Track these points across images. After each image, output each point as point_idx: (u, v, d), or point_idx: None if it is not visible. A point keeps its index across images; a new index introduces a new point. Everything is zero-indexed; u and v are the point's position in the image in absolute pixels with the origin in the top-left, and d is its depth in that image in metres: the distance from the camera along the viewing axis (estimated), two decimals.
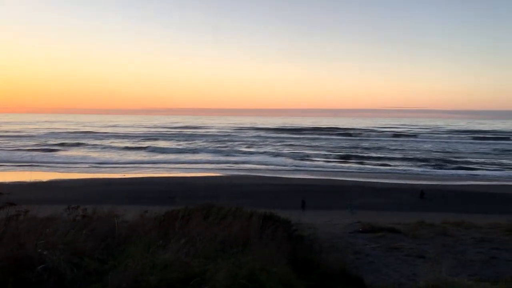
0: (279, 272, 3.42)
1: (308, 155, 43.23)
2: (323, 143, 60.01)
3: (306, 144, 58.01)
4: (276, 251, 4.09)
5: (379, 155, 44.21)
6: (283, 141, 61.96)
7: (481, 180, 28.86)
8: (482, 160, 40.97)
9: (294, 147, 53.36)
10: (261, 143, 58.30)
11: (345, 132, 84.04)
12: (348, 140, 65.39)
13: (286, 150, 48.48)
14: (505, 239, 10.29)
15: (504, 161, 40.44)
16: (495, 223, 11.90)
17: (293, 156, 42.63)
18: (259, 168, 34.50)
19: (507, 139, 70.83)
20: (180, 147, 51.81)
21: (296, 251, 5.09)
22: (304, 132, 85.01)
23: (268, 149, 50.41)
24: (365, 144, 58.94)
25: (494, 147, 55.07)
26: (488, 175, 31.38)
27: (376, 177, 29.47)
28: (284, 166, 36.16)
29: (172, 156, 42.16)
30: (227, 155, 43.08)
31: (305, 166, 35.82)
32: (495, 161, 40.45)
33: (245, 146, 54.58)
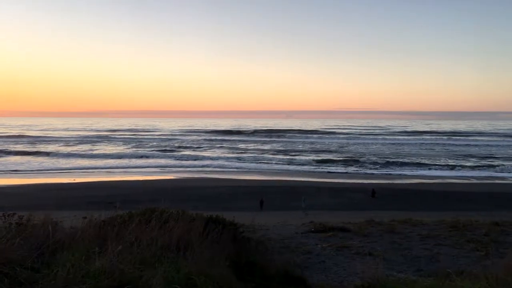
0: (218, 275, 3.36)
1: (264, 157, 43.46)
2: (274, 144, 60.48)
3: (260, 146, 58.30)
4: (219, 254, 4.04)
5: (335, 157, 44.95)
6: (236, 144, 61.47)
7: (427, 178, 29.88)
8: (426, 159, 42.45)
9: (249, 149, 53.48)
10: (215, 146, 57.88)
11: (298, 133, 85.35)
12: (301, 142, 66.16)
13: (240, 152, 48.52)
14: (448, 235, 10.67)
15: (450, 161, 42.12)
16: (440, 220, 12.32)
17: (249, 158, 42.73)
18: (215, 170, 34.34)
19: (450, 138, 74.00)
20: (128, 151, 50.37)
21: (241, 254, 5.06)
22: (258, 134, 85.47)
23: (222, 151, 50.22)
24: (319, 146, 59.89)
25: (437, 147, 57.29)
26: (433, 175, 32.54)
27: (332, 177, 29.98)
28: (240, 168, 36.20)
29: (119, 161, 41.14)
30: (178, 159, 42.62)
31: (262, 168, 35.99)
32: (440, 160, 42.08)
33: (198, 148, 54.15)
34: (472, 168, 36.18)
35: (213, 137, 75.03)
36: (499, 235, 10.54)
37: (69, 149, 50.97)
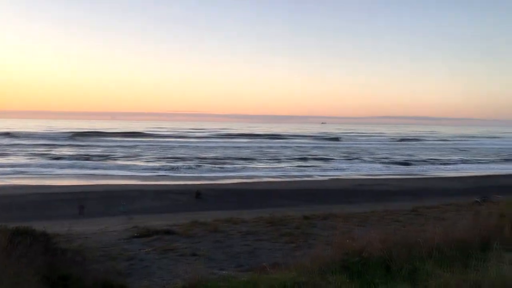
0: None
1: (83, 163, 40.72)
2: (97, 149, 57.51)
3: (81, 150, 54.67)
4: (26, 269, 3.63)
5: (161, 160, 44.62)
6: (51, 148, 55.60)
7: (248, 178, 31.77)
8: (246, 162, 45.24)
9: (66, 154, 49.66)
10: (24, 150, 51.21)
11: (123, 137, 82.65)
12: (125, 147, 64.17)
13: (56, 158, 44.72)
14: (266, 230, 11.50)
15: (270, 162, 45.53)
16: (259, 216, 13.21)
17: (65, 164, 39.43)
18: (22, 176, 30.81)
19: (279, 139, 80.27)
20: None
21: (54, 267, 4.64)
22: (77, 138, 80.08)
23: (31, 156, 45.23)
24: (141, 149, 58.87)
25: (257, 149, 61.49)
26: (254, 175, 34.76)
27: (156, 180, 29.66)
28: (57, 174, 33.29)
29: None
30: None
31: (80, 173, 33.64)
32: (261, 161, 45.26)
33: None
34: (283, 168, 39.60)
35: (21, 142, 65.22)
36: (308, 228, 11.76)
37: None
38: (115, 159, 43.36)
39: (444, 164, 45.93)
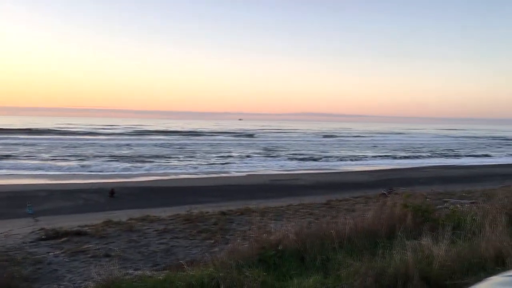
0: None
1: None
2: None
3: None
4: None
5: (68, 157, 42.41)
6: None
7: (164, 175, 31.22)
8: (162, 159, 44.55)
9: None
10: None
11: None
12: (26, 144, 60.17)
13: None
14: (183, 227, 11.38)
15: (187, 159, 45.10)
16: (175, 214, 13.03)
17: None
18: None
19: (189, 138, 79.53)
20: None
21: None
22: None
23: None
24: (46, 147, 55.64)
25: (173, 147, 60.73)
26: (170, 172, 34.25)
27: (66, 179, 28.10)
28: None
29: None
30: None
31: None
32: (178, 159, 44.72)
33: None
34: (200, 165, 39.44)
35: None
36: (226, 223, 11.83)
37: None
38: (19, 158, 40.41)
39: (356, 159, 48.38)
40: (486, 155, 56.89)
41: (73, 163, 37.17)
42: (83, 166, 35.61)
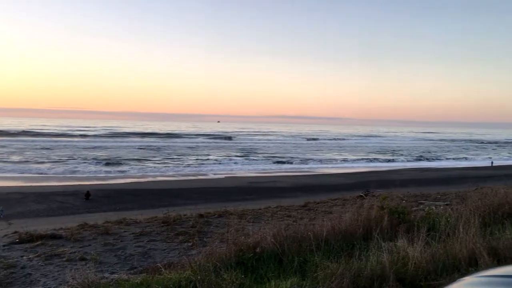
0: None
1: None
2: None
3: None
4: None
5: (42, 159, 41.64)
6: None
7: (140, 178, 30.94)
8: (136, 162, 44.15)
9: None
10: None
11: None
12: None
13: None
14: (161, 230, 11.26)
15: (164, 161, 44.77)
16: (153, 216, 12.89)
17: None
18: None
19: (165, 140, 78.94)
20: None
21: None
22: None
23: None
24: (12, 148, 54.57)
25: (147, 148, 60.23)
26: (148, 174, 33.97)
27: (40, 181, 27.56)
28: None
29: None
30: None
31: None
32: (155, 161, 44.36)
33: None
34: (178, 167, 39.24)
35: None
36: (204, 226, 11.76)
37: None
38: None
39: (334, 162, 48.83)
40: (463, 158, 58.24)
41: (47, 165, 36.55)
42: (57, 168, 35.02)
